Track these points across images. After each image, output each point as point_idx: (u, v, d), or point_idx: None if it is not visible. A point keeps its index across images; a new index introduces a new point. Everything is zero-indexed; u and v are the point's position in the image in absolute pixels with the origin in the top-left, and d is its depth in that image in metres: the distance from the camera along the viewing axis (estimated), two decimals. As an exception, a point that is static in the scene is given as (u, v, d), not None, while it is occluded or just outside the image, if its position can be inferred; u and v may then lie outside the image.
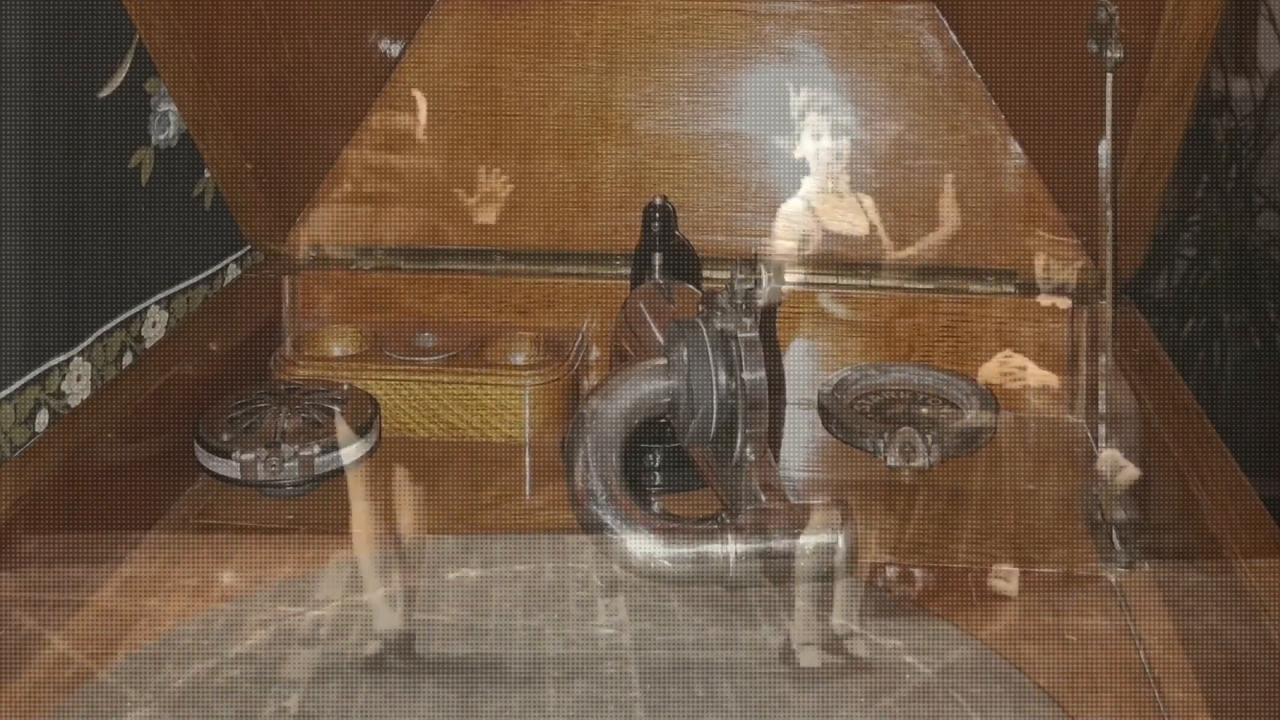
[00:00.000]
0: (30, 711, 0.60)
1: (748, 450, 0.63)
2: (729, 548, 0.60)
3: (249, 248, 1.01)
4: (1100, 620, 0.68)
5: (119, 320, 0.87)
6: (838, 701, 0.59)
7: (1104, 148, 0.75)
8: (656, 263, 0.85)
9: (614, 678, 0.60)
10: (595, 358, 0.95)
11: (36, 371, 0.78)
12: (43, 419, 0.78)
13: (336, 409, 0.82)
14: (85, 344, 0.83)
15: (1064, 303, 0.91)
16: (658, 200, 0.85)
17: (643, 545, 0.61)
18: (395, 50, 0.99)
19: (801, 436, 0.89)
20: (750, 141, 0.98)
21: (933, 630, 0.64)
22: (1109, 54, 0.74)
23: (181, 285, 0.94)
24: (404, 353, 0.90)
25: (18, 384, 0.77)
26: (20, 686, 0.61)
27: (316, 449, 0.79)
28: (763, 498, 0.62)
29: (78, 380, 0.82)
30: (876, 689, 0.60)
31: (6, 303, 0.76)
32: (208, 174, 0.95)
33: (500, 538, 0.74)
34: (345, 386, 0.86)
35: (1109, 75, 0.74)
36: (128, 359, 0.87)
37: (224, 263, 1.00)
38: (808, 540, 0.60)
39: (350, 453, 0.80)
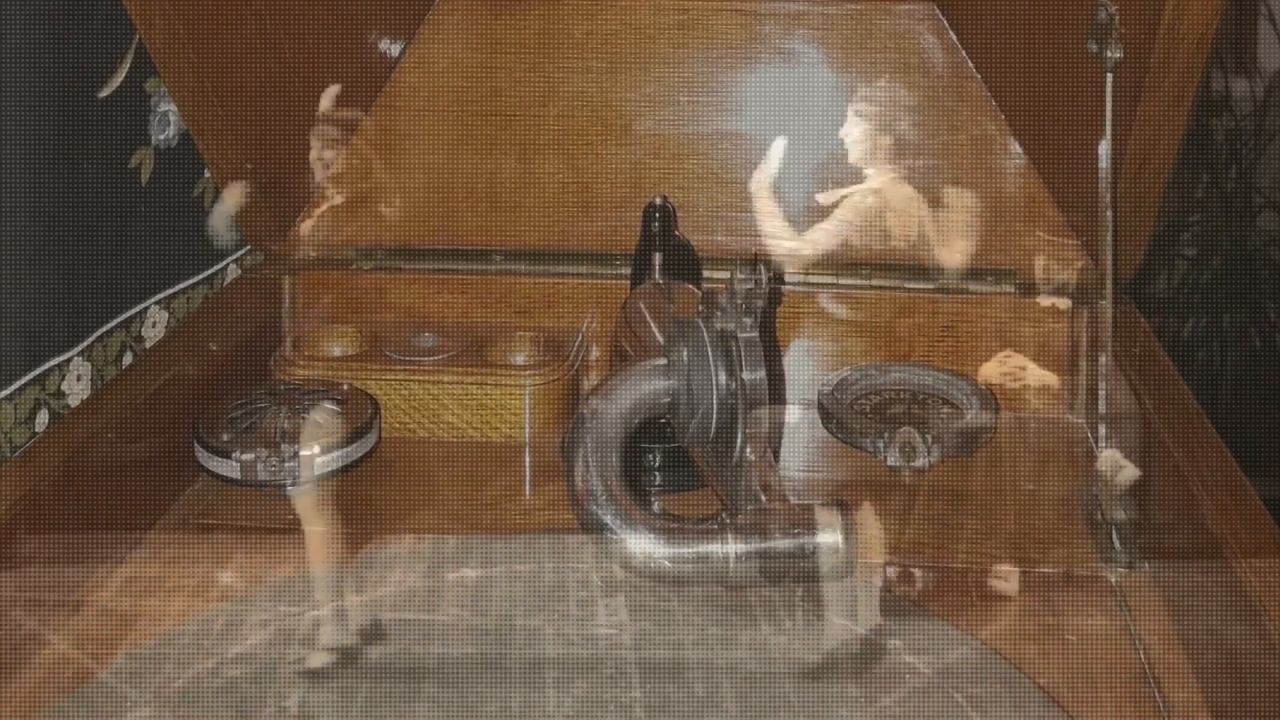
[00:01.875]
0: (30, 711, 0.60)
1: (748, 450, 0.63)
2: (729, 548, 0.60)
3: (249, 248, 1.01)
4: (1100, 620, 0.68)
5: (119, 320, 0.87)
6: (838, 701, 0.59)
7: (1104, 148, 0.75)
8: (656, 263, 0.85)
9: (614, 678, 0.60)
10: (595, 358, 0.95)
11: (36, 371, 0.78)
12: (43, 419, 0.78)
13: (335, 408, 0.82)
14: (85, 344, 0.83)
15: (1064, 303, 0.91)
16: (658, 200, 0.85)
17: (643, 545, 0.61)
18: (395, 50, 0.99)
19: (801, 436, 0.89)
20: (750, 141, 0.97)
21: (933, 630, 0.64)
22: (1109, 54, 0.74)
23: (181, 285, 0.94)
24: (404, 353, 0.90)
25: (18, 384, 0.76)
26: (20, 686, 0.61)
27: (316, 449, 0.79)
28: (763, 498, 0.62)
29: (78, 380, 0.82)
30: (876, 689, 0.60)
31: (6, 303, 0.76)
32: (208, 174, 0.95)
33: (500, 538, 0.74)
34: (345, 386, 0.86)
35: (1109, 75, 0.74)
36: (128, 359, 0.87)
37: (224, 263, 1.00)
38: (807, 540, 0.60)
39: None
